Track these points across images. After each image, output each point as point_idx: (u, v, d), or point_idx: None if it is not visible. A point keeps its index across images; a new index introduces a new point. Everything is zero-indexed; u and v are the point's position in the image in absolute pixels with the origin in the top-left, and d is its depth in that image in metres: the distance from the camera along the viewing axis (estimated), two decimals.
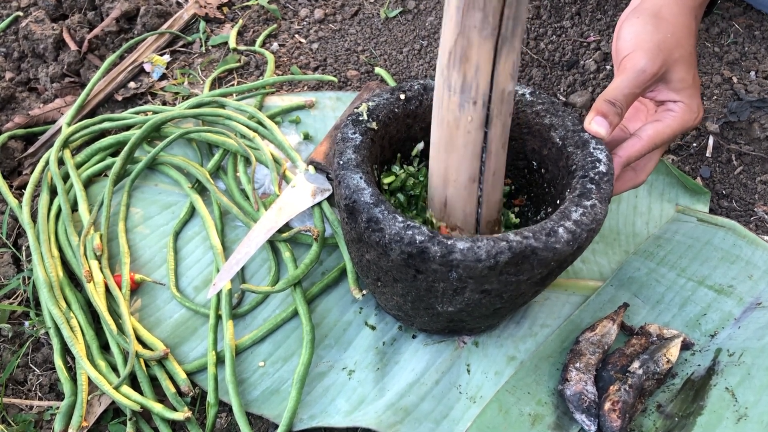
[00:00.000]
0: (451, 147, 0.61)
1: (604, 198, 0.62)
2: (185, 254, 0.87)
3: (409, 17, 1.17)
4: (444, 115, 0.60)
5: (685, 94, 0.68)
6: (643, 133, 0.68)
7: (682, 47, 0.67)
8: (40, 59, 1.13)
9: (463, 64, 0.56)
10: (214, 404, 0.73)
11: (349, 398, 0.73)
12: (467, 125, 0.59)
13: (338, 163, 0.65)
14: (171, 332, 0.80)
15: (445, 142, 0.61)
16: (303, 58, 1.12)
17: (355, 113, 0.70)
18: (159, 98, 1.08)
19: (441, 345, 0.77)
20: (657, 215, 0.90)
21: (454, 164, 0.62)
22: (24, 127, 1.03)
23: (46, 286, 0.79)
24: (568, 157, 0.68)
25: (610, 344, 0.74)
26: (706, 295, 0.79)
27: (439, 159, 0.63)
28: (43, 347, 0.80)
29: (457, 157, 0.62)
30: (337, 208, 0.79)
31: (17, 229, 0.91)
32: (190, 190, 0.90)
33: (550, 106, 0.72)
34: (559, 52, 1.09)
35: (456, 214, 0.66)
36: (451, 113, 0.59)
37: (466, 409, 0.72)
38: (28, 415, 0.75)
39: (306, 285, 0.82)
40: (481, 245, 0.57)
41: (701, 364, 0.72)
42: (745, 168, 0.97)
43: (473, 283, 0.59)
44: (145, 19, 1.16)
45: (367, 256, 0.64)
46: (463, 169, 0.63)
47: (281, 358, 0.77)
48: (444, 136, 0.61)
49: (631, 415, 0.68)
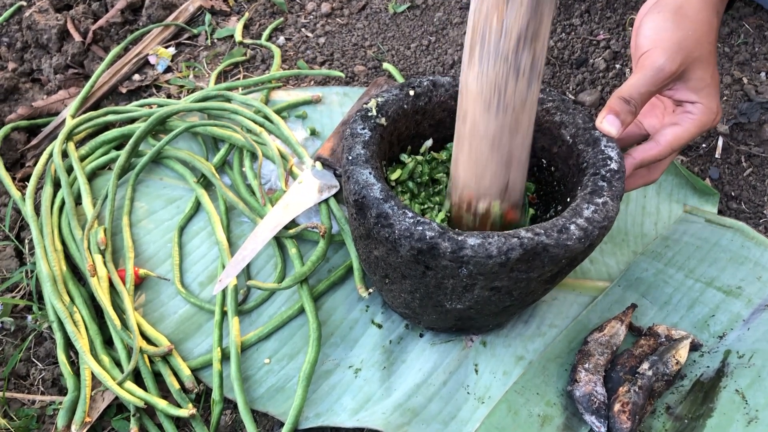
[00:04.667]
0: (517, 130, 0.61)
1: (615, 195, 0.62)
2: (190, 249, 0.86)
3: (417, 12, 1.16)
4: (509, 101, 0.59)
5: (703, 93, 0.67)
6: (661, 138, 0.67)
7: (702, 46, 0.66)
8: (44, 50, 1.12)
9: (533, 44, 0.56)
10: (219, 401, 0.72)
11: (355, 397, 0.73)
12: (532, 101, 0.60)
13: (347, 159, 0.65)
14: (175, 328, 0.79)
15: (510, 127, 0.61)
16: (310, 53, 1.11)
17: (364, 109, 0.69)
18: (164, 91, 1.07)
19: (448, 344, 0.76)
20: (665, 216, 0.89)
21: (519, 145, 0.63)
22: (27, 118, 1.02)
23: (50, 280, 0.79)
24: (578, 155, 0.67)
25: (619, 345, 0.73)
26: (714, 296, 0.78)
27: (501, 146, 0.62)
28: (46, 342, 0.79)
29: (521, 137, 0.62)
30: (345, 204, 0.78)
31: (20, 222, 0.90)
32: (196, 184, 0.90)
33: (560, 104, 0.71)
34: (568, 50, 1.08)
35: (515, 192, 0.67)
36: (518, 96, 0.59)
37: (475, 409, 0.71)
38: (31, 409, 0.74)
39: (312, 282, 0.81)
40: (493, 241, 0.56)
41: (710, 366, 0.71)
42: (755, 170, 0.96)
43: (483, 279, 0.59)
44: (150, 10, 1.15)
45: (376, 253, 0.64)
46: (525, 147, 0.64)
47: (287, 355, 0.77)
48: (509, 122, 0.61)
49: (641, 416, 0.67)
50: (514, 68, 0.57)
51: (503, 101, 0.59)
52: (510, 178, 0.65)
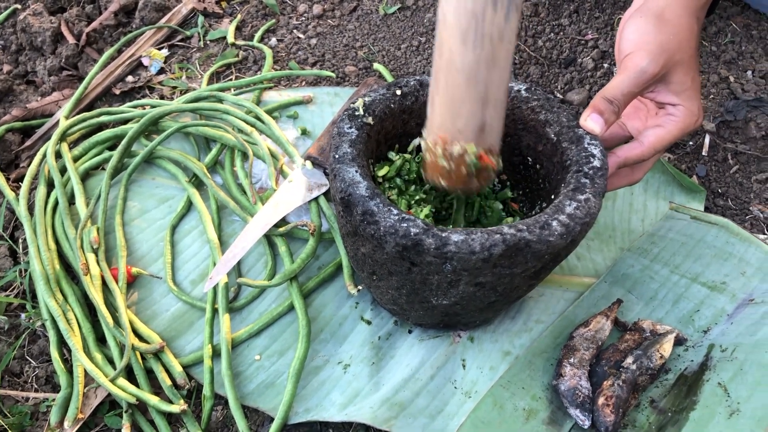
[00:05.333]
0: (494, 63, 0.59)
1: (598, 192, 0.62)
2: (182, 248, 0.87)
3: (407, 14, 1.17)
4: (486, 32, 0.57)
5: (685, 96, 0.68)
6: (645, 139, 0.68)
7: (683, 50, 0.67)
8: (38, 52, 1.13)
9: None
10: (210, 397, 0.73)
11: (344, 392, 0.74)
12: (509, 35, 0.58)
13: (334, 157, 0.66)
14: (167, 325, 0.80)
15: (486, 60, 0.59)
16: (301, 54, 1.12)
17: (351, 108, 0.70)
18: (157, 92, 1.08)
19: (436, 340, 0.77)
20: (652, 213, 0.90)
21: (496, 81, 0.61)
22: (21, 119, 1.03)
23: (43, 279, 0.79)
24: (562, 153, 0.68)
25: (604, 340, 0.74)
26: (699, 291, 0.79)
27: (478, 82, 0.60)
28: (40, 339, 0.80)
29: (498, 72, 0.60)
30: (333, 201, 0.79)
31: (14, 222, 0.91)
32: (188, 184, 0.90)
33: (545, 102, 0.72)
34: (556, 49, 1.09)
35: (492, 134, 0.65)
36: (495, 26, 0.57)
37: (461, 404, 0.72)
38: (24, 407, 0.75)
39: (302, 279, 0.82)
40: (476, 237, 0.57)
41: (694, 360, 0.72)
42: (741, 167, 0.97)
43: (467, 275, 0.60)
44: (143, 13, 1.16)
45: (363, 250, 0.65)
46: (503, 85, 0.61)
47: (277, 351, 0.78)
48: (485, 55, 0.59)
49: (625, 410, 0.68)
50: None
51: (480, 32, 0.57)
52: (487, 117, 0.63)
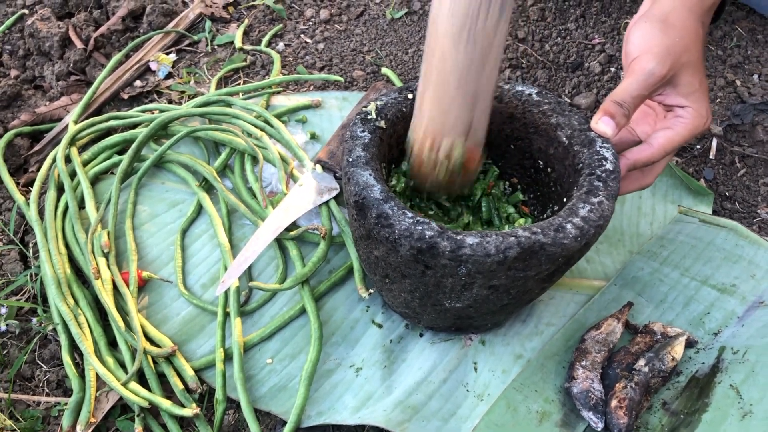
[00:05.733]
0: (484, 64, 0.61)
1: (611, 195, 0.63)
2: (193, 252, 0.87)
3: (414, 18, 1.18)
4: (479, 33, 0.59)
5: (693, 98, 0.69)
6: (654, 141, 0.69)
7: (689, 52, 0.68)
8: (46, 57, 1.13)
9: None
10: (222, 401, 0.73)
11: (356, 395, 0.74)
12: (500, 37, 0.60)
13: (347, 161, 0.66)
14: (179, 329, 0.80)
15: (477, 61, 0.61)
16: (309, 58, 1.13)
17: (363, 112, 0.71)
18: (165, 97, 1.09)
19: (448, 343, 0.77)
20: (661, 216, 0.91)
21: (485, 81, 0.63)
22: (30, 124, 1.03)
23: (54, 283, 0.80)
24: (574, 156, 0.69)
25: (615, 342, 0.74)
26: (709, 294, 0.79)
27: (468, 81, 0.62)
28: (51, 344, 0.80)
29: (488, 72, 0.62)
30: (345, 205, 0.79)
31: (24, 226, 0.91)
32: (198, 188, 0.91)
33: (556, 106, 0.72)
34: (563, 54, 1.10)
35: (479, 131, 0.67)
36: (488, 28, 0.59)
37: (474, 407, 0.72)
38: (36, 411, 0.75)
39: (313, 283, 0.82)
40: (491, 240, 0.57)
41: (705, 362, 0.72)
42: (749, 170, 0.97)
43: (482, 278, 0.60)
44: (151, 17, 1.17)
45: (376, 253, 0.65)
46: (492, 83, 0.64)
47: (289, 355, 0.78)
48: (477, 57, 0.61)
49: (638, 412, 0.68)
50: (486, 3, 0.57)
51: (472, 34, 0.59)
52: (475, 115, 0.65)
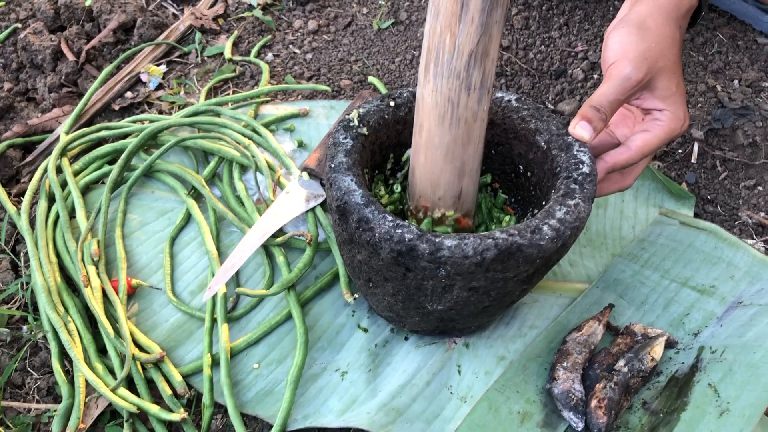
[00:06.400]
0: (468, 141, 0.65)
1: (587, 197, 0.64)
2: (181, 259, 0.88)
3: (401, 28, 1.20)
4: (461, 114, 0.63)
5: (670, 101, 0.70)
6: (632, 144, 0.70)
7: (666, 57, 0.69)
8: (39, 70, 1.15)
9: (483, 61, 0.60)
10: (210, 405, 0.74)
11: (341, 398, 0.75)
12: (482, 114, 0.64)
13: (330, 167, 0.67)
14: (167, 335, 0.81)
15: (462, 139, 0.65)
16: (297, 68, 1.15)
17: (346, 119, 0.72)
18: (155, 107, 1.10)
19: (432, 347, 0.78)
20: (643, 219, 0.92)
21: (471, 155, 0.67)
22: (22, 136, 1.04)
23: (44, 291, 0.81)
24: (552, 160, 0.70)
25: (597, 344, 0.76)
26: (689, 295, 0.81)
27: (454, 157, 0.66)
28: (41, 351, 0.81)
29: (473, 148, 0.66)
30: (329, 210, 0.81)
31: (15, 236, 0.92)
32: (186, 196, 0.92)
33: (535, 112, 0.74)
34: (547, 61, 1.11)
35: (468, 201, 0.71)
36: (470, 110, 0.63)
37: (457, 408, 0.73)
38: (26, 417, 0.76)
39: (299, 289, 0.83)
40: (468, 242, 0.59)
41: (685, 362, 0.74)
42: (729, 174, 0.99)
43: (461, 280, 0.61)
44: (141, 30, 1.18)
45: (359, 257, 0.66)
46: (477, 157, 0.68)
47: (275, 360, 0.79)
48: (461, 134, 0.65)
49: (617, 412, 0.69)
50: (465, 84, 0.61)
51: (456, 114, 0.63)
52: (463, 186, 0.69)
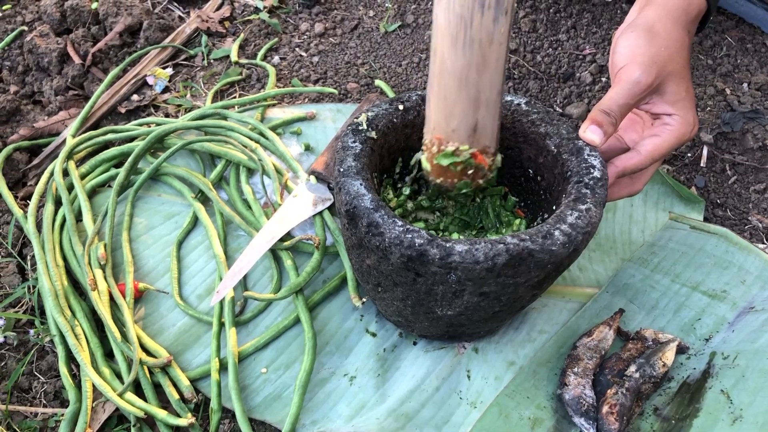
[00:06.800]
0: (485, 66, 0.62)
1: (599, 202, 0.64)
2: (188, 263, 0.88)
3: (407, 31, 1.19)
4: (475, 35, 0.60)
5: (679, 106, 0.70)
6: (642, 148, 0.70)
7: (675, 61, 0.69)
8: (45, 72, 1.15)
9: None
10: (218, 410, 0.74)
11: (350, 403, 0.74)
12: (499, 38, 0.61)
13: (339, 171, 0.67)
14: (174, 340, 0.81)
15: (477, 64, 0.62)
16: (304, 71, 1.14)
17: (355, 123, 0.72)
18: (162, 110, 1.10)
19: (441, 351, 0.78)
20: (652, 223, 0.91)
21: (487, 83, 0.64)
22: (29, 139, 1.04)
23: (51, 295, 0.80)
24: (563, 164, 0.70)
25: (607, 349, 0.75)
26: (700, 300, 0.80)
27: (468, 84, 0.63)
28: (48, 355, 0.81)
29: (489, 75, 0.63)
30: (337, 215, 0.80)
31: (22, 239, 0.92)
32: (193, 200, 0.92)
33: (545, 115, 0.73)
34: (555, 64, 1.11)
35: (485, 135, 0.68)
36: (484, 30, 0.60)
37: (467, 414, 0.73)
38: (33, 422, 0.76)
39: (307, 293, 0.83)
40: (479, 247, 0.58)
41: (696, 368, 0.73)
42: (739, 177, 0.98)
43: (472, 285, 0.61)
44: (147, 33, 1.18)
45: (368, 261, 0.66)
46: (495, 85, 0.64)
47: (283, 364, 0.78)
48: (476, 58, 0.62)
49: (629, 418, 0.69)
50: (479, 1, 0.59)
51: (469, 35, 0.60)
52: (479, 119, 0.66)
